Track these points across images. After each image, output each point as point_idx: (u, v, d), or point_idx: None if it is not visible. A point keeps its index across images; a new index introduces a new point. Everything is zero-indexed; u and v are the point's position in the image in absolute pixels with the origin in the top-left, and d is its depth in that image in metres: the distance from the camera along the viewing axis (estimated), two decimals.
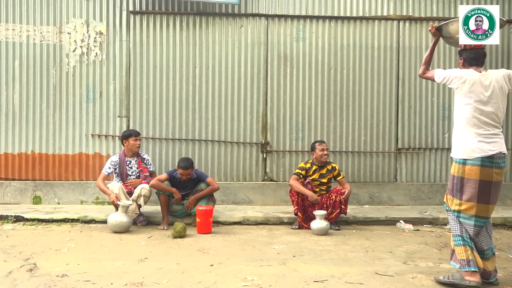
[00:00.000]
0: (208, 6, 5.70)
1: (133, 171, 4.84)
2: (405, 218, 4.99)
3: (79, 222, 4.81)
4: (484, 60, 3.18)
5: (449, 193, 3.12)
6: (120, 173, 4.78)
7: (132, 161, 4.84)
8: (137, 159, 4.87)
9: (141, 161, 4.87)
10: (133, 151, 4.83)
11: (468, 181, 2.96)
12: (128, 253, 3.67)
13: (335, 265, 3.40)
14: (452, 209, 3.07)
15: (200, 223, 4.39)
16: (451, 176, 3.10)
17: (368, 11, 5.85)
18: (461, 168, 3.00)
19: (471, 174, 2.94)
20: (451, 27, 3.26)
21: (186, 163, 4.63)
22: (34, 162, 5.62)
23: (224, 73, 5.74)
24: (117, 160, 4.79)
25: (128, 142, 4.79)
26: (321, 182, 4.78)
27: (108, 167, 4.76)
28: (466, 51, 3.19)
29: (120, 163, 4.78)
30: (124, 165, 4.79)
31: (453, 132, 3.18)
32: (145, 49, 5.68)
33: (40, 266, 3.29)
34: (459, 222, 3.02)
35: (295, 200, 4.65)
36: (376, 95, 5.87)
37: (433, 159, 5.94)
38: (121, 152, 4.87)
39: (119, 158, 4.81)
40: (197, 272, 3.18)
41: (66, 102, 5.64)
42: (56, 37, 5.63)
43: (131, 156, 4.84)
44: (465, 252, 2.93)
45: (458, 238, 3.00)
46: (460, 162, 3.01)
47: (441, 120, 5.93)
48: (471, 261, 2.90)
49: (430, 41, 5.85)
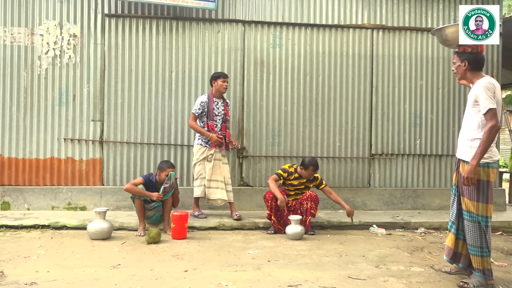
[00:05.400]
0: (185, 11, 5.69)
1: (219, 112, 5.07)
2: (378, 222, 5.09)
3: (50, 228, 4.69)
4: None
5: (487, 202, 3.02)
6: (208, 111, 5.00)
7: (219, 102, 5.09)
8: (223, 101, 5.13)
9: (226, 105, 5.14)
10: (221, 92, 5.07)
11: (492, 183, 3.05)
12: (100, 260, 3.60)
13: (309, 270, 3.43)
14: (485, 216, 3.03)
15: (175, 229, 4.36)
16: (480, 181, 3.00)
17: (343, 20, 5.98)
18: (486, 171, 3.02)
19: (493, 176, 3.04)
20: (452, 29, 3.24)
21: (171, 163, 4.69)
22: (3, 167, 5.44)
23: (200, 78, 5.74)
24: (206, 100, 5.02)
25: (216, 83, 5.02)
26: (298, 188, 4.82)
27: (198, 108, 5.00)
28: (472, 55, 3.12)
29: (208, 102, 5.01)
30: (212, 104, 5.01)
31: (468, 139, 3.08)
32: (120, 52, 5.62)
33: (7, 274, 3.18)
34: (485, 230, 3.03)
35: (268, 205, 4.67)
36: (351, 102, 5.98)
37: (405, 165, 6.09)
38: (210, 92, 5.10)
39: (207, 97, 5.04)
40: (171, 278, 3.15)
41: (38, 105, 5.50)
42: (28, 38, 5.50)
43: (218, 97, 5.09)
44: (488, 262, 3.06)
45: (486, 250, 3.04)
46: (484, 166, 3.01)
47: (413, 127, 6.09)
48: (489, 270, 3.06)
49: (402, 50, 6.04)
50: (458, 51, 3.23)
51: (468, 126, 3.12)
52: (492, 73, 6.13)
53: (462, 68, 3.15)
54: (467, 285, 3.07)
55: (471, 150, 3.03)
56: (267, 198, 4.70)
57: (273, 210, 4.66)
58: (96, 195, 5.51)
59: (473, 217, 3.05)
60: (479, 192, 3.02)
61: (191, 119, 5.06)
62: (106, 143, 5.59)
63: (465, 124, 3.17)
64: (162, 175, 4.58)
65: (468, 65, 3.12)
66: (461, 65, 3.16)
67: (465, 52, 3.17)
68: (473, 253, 3.07)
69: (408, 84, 6.08)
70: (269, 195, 4.69)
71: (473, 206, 3.05)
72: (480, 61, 3.14)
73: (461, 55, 3.17)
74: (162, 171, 4.58)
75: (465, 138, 3.13)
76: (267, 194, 4.72)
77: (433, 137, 6.12)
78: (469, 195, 3.06)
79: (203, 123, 5.07)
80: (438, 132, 6.13)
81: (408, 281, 3.21)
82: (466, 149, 3.09)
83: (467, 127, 3.13)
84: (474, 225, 3.05)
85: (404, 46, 6.08)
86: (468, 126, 3.12)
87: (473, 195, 3.04)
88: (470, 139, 3.08)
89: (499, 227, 5.17)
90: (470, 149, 3.05)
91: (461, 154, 3.15)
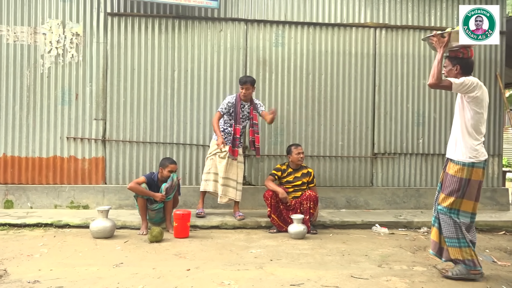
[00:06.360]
0: (188, 10, 5.69)
1: (244, 114, 5.10)
2: (380, 222, 5.08)
3: (53, 226, 4.70)
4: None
5: (452, 195, 3.22)
6: (235, 113, 5.04)
7: (246, 106, 5.10)
8: (250, 105, 5.11)
9: (253, 108, 5.10)
10: (247, 97, 5.06)
11: (474, 182, 3.19)
12: (103, 258, 3.61)
13: (311, 269, 3.43)
14: (455, 208, 3.23)
15: (177, 227, 4.36)
16: (458, 178, 3.20)
17: (346, 18, 5.96)
18: (470, 170, 3.17)
19: (477, 176, 3.19)
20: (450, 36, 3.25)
21: (172, 159, 4.70)
22: (6, 166, 5.46)
23: (203, 77, 5.73)
24: (234, 102, 5.05)
25: (243, 89, 4.99)
26: (295, 185, 4.83)
27: (224, 107, 5.05)
28: (463, 60, 3.27)
29: (235, 104, 5.03)
30: (239, 106, 5.03)
31: (456, 138, 3.26)
32: (122, 51, 5.62)
33: (11, 272, 3.19)
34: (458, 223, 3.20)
35: (268, 203, 4.70)
36: (353, 101, 5.97)
37: (408, 164, 6.07)
38: (237, 95, 5.10)
39: (235, 99, 5.06)
40: (174, 277, 3.16)
41: (41, 104, 5.51)
42: (31, 37, 5.51)
43: (246, 101, 5.08)
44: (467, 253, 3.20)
45: (464, 241, 3.20)
46: (469, 165, 3.17)
47: (415, 126, 6.07)
48: (476, 261, 3.20)
49: (405, 49, 6.02)
50: (449, 56, 3.35)
51: (454, 128, 3.32)
52: (496, 72, 6.11)
53: (454, 72, 3.28)
54: (446, 272, 3.27)
55: (456, 148, 3.25)
56: (267, 196, 4.73)
57: (272, 208, 4.69)
58: (98, 193, 5.52)
59: (444, 210, 3.26)
60: (459, 189, 3.20)
61: (215, 118, 5.05)
62: (109, 142, 5.60)
63: (453, 126, 3.36)
64: (164, 172, 4.58)
65: (460, 69, 3.26)
66: (452, 69, 3.29)
67: (456, 57, 3.31)
68: (450, 244, 3.25)
69: (411, 83, 6.05)
70: (268, 193, 4.73)
71: (446, 199, 3.24)
72: (471, 66, 3.31)
73: (452, 60, 3.31)
74: (164, 167, 4.59)
75: (452, 138, 3.33)
76: (266, 192, 4.76)
77: (436, 136, 6.10)
78: (448, 190, 3.24)
79: (230, 126, 5.11)
80: (441, 131, 6.10)
81: (411, 281, 3.20)
82: (452, 148, 3.30)
83: (454, 128, 3.33)
84: (447, 218, 3.25)
85: (407, 45, 6.05)
86: (454, 128, 3.32)
87: (451, 189, 3.23)
88: (455, 140, 3.28)
89: (502, 227, 5.15)
90: (455, 147, 3.26)
91: (448, 153, 3.36)
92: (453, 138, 3.31)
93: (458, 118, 3.27)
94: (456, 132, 3.28)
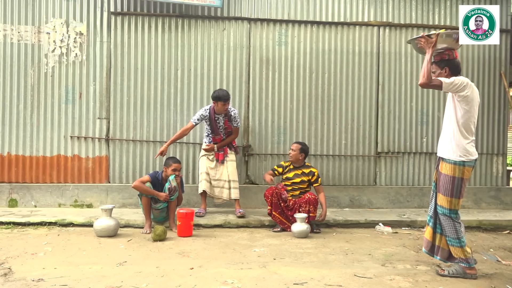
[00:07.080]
0: (191, 9, 5.69)
1: (220, 126, 5.15)
2: (384, 221, 5.07)
3: (57, 225, 4.72)
4: None
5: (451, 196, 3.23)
6: (211, 126, 5.13)
7: (220, 117, 5.13)
8: (224, 117, 5.13)
9: (227, 120, 5.13)
10: (221, 112, 5.10)
11: (466, 180, 3.25)
12: (106, 257, 3.62)
13: (315, 268, 3.43)
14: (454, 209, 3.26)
15: (181, 226, 4.37)
16: (451, 177, 3.22)
17: (349, 17, 5.94)
18: (461, 169, 3.20)
19: (467, 175, 3.24)
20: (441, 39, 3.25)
21: (176, 158, 4.75)
22: (10, 164, 5.49)
23: (206, 76, 5.74)
24: (207, 115, 5.11)
25: (217, 105, 5.02)
26: (294, 182, 4.82)
27: (197, 118, 5.11)
28: (450, 61, 3.27)
29: (210, 117, 5.11)
30: (213, 119, 5.10)
31: (447, 137, 3.28)
32: (126, 50, 5.63)
33: (15, 271, 3.21)
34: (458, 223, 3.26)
35: (269, 201, 4.71)
36: (357, 100, 5.95)
37: (412, 163, 6.05)
38: (211, 108, 5.11)
39: (208, 112, 5.10)
40: (177, 276, 3.16)
41: (45, 103, 5.53)
42: (35, 37, 5.52)
43: (219, 113, 5.12)
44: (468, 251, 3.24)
45: (463, 240, 3.24)
46: (460, 164, 3.20)
47: (419, 125, 6.05)
48: (471, 259, 3.24)
49: (409, 47, 6.00)
50: (435, 60, 3.33)
51: (445, 127, 3.34)
52: (500, 71, 6.08)
53: (444, 75, 3.29)
54: (442, 271, 3.33)
55: (447, 147, 3.26)
56: (267, 195, 4.74)
57: (273, 206, 4.70)
58: (102, 192, 5.54)
59: (445, 211, 3.27)
60: (453, 189, 3.22)
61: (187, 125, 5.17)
62: (112, 141, 5.61)
63: (443, 125, 3.39)
64: (168, 171, 4.60)
65: (449, 70, 3.28)
66: (442, 72, 3.30)
67: (442, 60, 3.31)
68: (453, 244, 3.26)
69: (415, 82, 6.03)
70: (268, 191, 4.74)
71: (446, 201, 3.25)
72: (458, 66, 3.33)
73: (440, 63, 3.31)
74: (168, 167, 4.60)
75: (443, 137, 3.35)
76: (267, 191, 4.77)
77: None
78: (444, 190, 3.25)
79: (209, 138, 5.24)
80: None
81: (415, 280, 3.19)
82: (443, 146, 3.31)
83: (444, 127, 3.35)
84: (448, 218, 3.27)
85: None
86: (445, 127, 3.34)
87: (447, 191, 3.24)
88: (446, 139, 3.29)
89: (506, 226, 5.13)
90: (446, 146, 3.27)
91: (440, 151, 3.37)
92: (443, 137, 3.33)
93: (448, 117, 3.29)
94: (447, 131, 3.29)
